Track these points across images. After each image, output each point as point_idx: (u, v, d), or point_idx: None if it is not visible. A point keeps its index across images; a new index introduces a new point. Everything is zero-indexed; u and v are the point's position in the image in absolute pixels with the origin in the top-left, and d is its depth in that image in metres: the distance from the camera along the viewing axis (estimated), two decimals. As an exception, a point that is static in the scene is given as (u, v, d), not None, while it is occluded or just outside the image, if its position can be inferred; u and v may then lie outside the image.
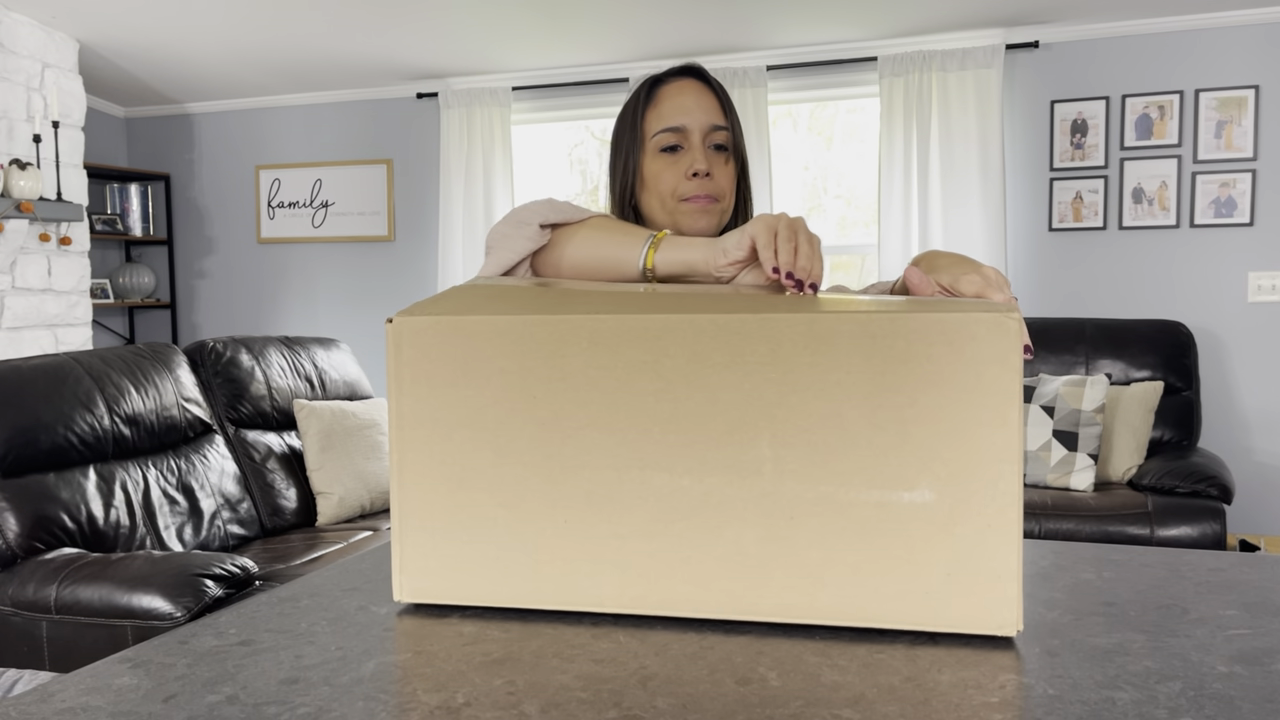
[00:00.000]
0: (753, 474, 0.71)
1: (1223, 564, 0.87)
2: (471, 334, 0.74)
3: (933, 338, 0.69)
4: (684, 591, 0.73)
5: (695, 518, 0.72)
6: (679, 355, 0.71)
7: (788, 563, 0.71)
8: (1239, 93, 3.76)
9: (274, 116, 5.12)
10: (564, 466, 0.74)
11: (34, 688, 0.62)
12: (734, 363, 0.71)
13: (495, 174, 4.65)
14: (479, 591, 0.76)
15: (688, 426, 0.71)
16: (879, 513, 0.70)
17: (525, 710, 0.58)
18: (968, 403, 0.69)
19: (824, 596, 0.71)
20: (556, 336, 0.73)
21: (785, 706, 0.59)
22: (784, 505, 0.71)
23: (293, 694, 0.61)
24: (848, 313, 0.70)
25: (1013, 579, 0.69)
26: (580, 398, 0.73)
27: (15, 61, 3.91)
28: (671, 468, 0.72)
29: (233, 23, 4.03)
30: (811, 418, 0.70)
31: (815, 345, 0.70)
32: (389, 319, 0.75)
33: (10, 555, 2.32)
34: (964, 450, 0.69)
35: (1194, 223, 3.84)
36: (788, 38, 4.11)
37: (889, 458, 0.70)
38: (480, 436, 0.74)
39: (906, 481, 0.70)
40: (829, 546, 0.71)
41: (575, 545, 0.74)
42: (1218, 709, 0.57)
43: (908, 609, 0.71)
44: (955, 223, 4.04)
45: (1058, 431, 3.37)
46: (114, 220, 4.98)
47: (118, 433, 2.66)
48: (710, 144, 1.21)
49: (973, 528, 0.70)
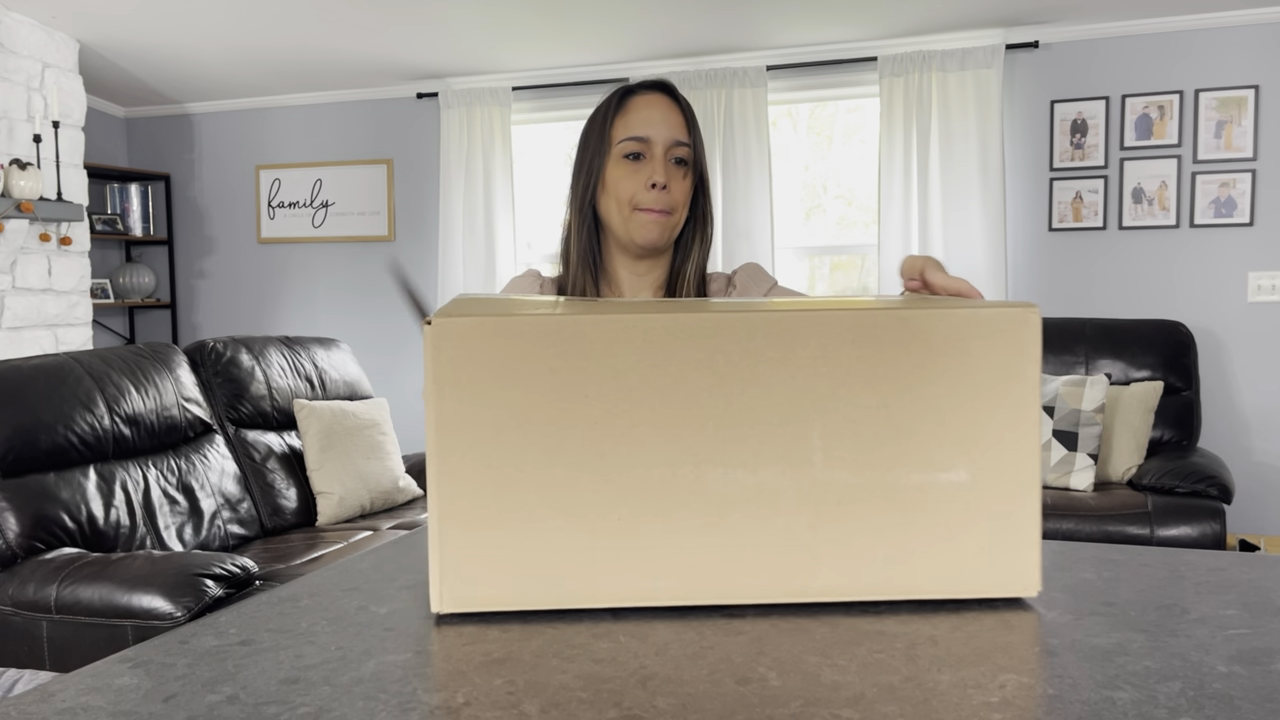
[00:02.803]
0: (804, 464, 0.75)
1: (1223, 564, 0.87)
2: (518, 335, 0.72)
3: (967, 331, 0.75)
4: (739, 581, 0.75)
5: (748, 509, 0.75)
6: (732, 352, 0.74)
7: (836, 546, 0.76)
8: (1239, 93, 3.76)
9: (274, 116, 5.12)
10: (616, 465, 0.74)
11: (34, 688, 0.62)
12: (786, 358, 0.74)
13: (495, 174, 4.65)
14: (528, 596, 0.74)
15: (741, 420, 0.74)
16: (920, 494, 0.76)
17: (525, 710, 0.58)
18: (997, 390, 0.76)
19: (869, 574, 0.76)
20: (609, 336, 0.73)
21: (785, 706, 0.59)
22: (833, 492, 0.75)
23: (293, 694, 0.61)
24: (890, 309, 0.75)
25: (1035, 547, 0.77)
26: (634, 396, 0.73)
27: (15, 61, 3.91)
28: (725, 461, 0.74)
29: (233, 23, 4.03)
30: (859, 409, 0.75)
31: (861, 340, 0.74)
32: (427, 320, 0.72)
33: (10, 555, 2.32)
34: (994, 433, 0.76)
35: (1194, 223, 3.84)
36: (788, 38, 4.11)
37: (929, 443, 0.75)
38: (529, 438, 0.72)
39: (945, 464, 0.76)
40: (875, 528, 0.76)
41: (628, 542, 0.74)
42: (1218, 709, 0.57)
43: (945, 580, 0.77)
44: (955, 223, 4.04)
45: (1058, 431, 3.37)
46: (114, 220, 4.98)
47: (118, 432, 2.66)
48: (671, 158, 1.29)
49: (1001, 503, 0.77)
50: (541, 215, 4.89)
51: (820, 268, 4.46)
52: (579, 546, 0.74)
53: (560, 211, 1.40)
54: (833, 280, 4.49)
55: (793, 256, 4.41)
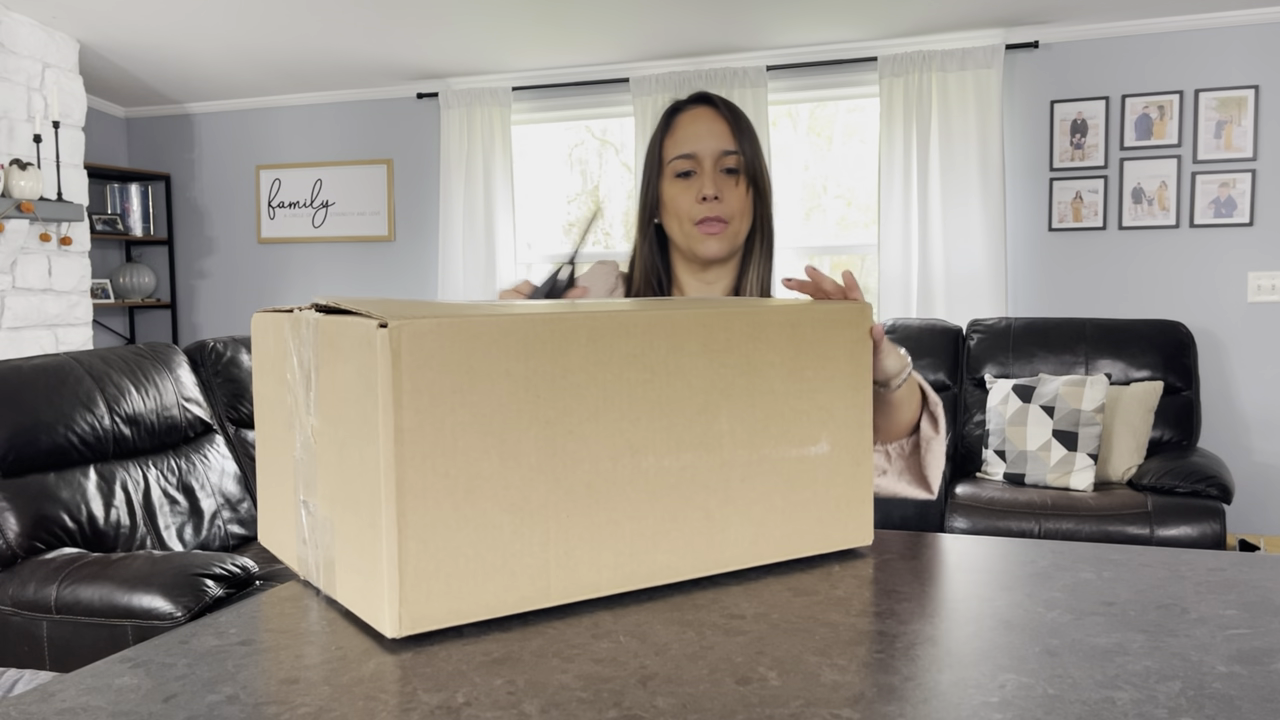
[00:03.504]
0: (716, 447, 0.83)
1: (1223, 564, 0.87)
2: (477, 335, 0.70)
3: (829, 323, 0.90)
4: (664, 561, 0.81)
5: (675, 493, 0.81)
6: (662, 347, 0.79)
7: (741, 518, 0.85)
8: (1239, 93, 3.76)
9: (274, 116, 5.12)
10: (566, 462, 0.74)
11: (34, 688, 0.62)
12: (702, 351, 0.82)
13: (495, 174, 4.65)
14: (483, 605, 0.72)
15: (668, 410, 0.80)
16: (797, 465, 0.88)
17: (525, 710, 0.58)
18: (847, 371, 0.91)
19: (763, 541, 0.86)
20: (559, 335, 0.73)
21: (785, 706, 0.59)
22: (738, 471, 0.84)
23: (293, 694, 0.61)
24: (778, 307, 0.88)
25: (870, 501, 0.93)
26: (581, 393, 0.75)
27: (15, 61, 3.91)
28: (656, 449, 0.79)
29: (233, 23, 4.03)
30: (754, 394, 0.85)
31: (756, 333, 0.85)
32: (381, 324, 0.66)
33: (10, 555, 2.32)
34: (844, 410, 0.91)
35: (1194, 223, 3.84)
36: (788, 38, 4.11)
37: (803, 420, 0.88)
38: (486, 442, 0.70)
39: (814, 438, 0.89)
40: (767, 500, 0.86)
41: (576, 537, 0.75)
42: (1218, 709, 0.57)
43: (818, 538, 0.90)
44: (955, 223, 4.04)
45: (1057, 431, 3.37)
46: (114, 220, 4.98)
47: (118, 432, 2.66)
48: (721, 168, 1.31)
49: (850, 468, 0.92)
50: (542, 215, 4.89)
51: (820, 268, 4.46)
52: (532, 548, 0.73)
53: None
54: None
55: (793, 256, 4.41)
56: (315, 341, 0.76)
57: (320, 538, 0.78)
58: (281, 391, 0.83)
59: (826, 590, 0.81)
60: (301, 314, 0.78)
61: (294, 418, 0.81)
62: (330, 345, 0.73)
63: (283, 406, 0.83)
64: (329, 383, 0.74)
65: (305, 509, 0.80)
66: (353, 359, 0.70)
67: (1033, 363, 3.73)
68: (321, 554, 0.78)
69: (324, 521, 0.76)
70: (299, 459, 0.80)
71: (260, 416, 0.89)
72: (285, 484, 0.84)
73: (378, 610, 0.69)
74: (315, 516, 0.78)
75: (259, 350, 0.89)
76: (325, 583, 0.78)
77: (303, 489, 0.80)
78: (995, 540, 0.96)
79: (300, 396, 0.79)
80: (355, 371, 0.69)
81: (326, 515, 0.76)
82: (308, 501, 0.79)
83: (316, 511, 0.78)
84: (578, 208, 4.89)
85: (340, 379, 0.72)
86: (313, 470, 0.78)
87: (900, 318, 4.02)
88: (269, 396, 0.87)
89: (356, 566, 0.72)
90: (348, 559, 0.73)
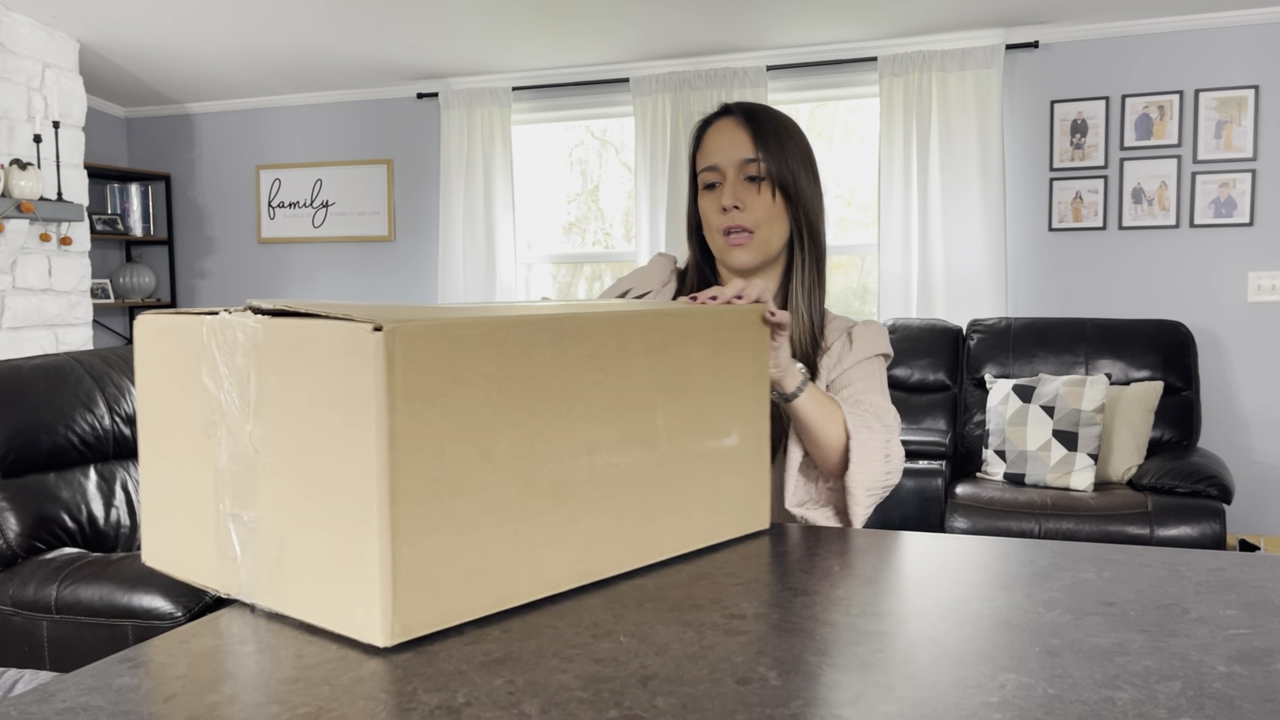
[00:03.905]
0: (654, 443, 0.87)
1: (1223, 564, 0.87)
2: (461, 338, 0.70)
3: (740, 324, 0.97)
4: (615, 554, 0.83)
5: (623, 489, 0.84)
6: (612, 346, 0.82)
7: (673, 510, 0.89)
8: (1239, 93, 3.76)
9: (274, 116, 5.12)
10: (533, 463, 0.76)
11: (34, 688, 0.62)
12: (644, 350, 0.85)
13: (495, 174, 4.65)
14: (466, 607, 0.72)
15: (618, 409, 0.83)
16: (714, 457, 0.93)
17: (525, 710, 0.58)
18: (751, 369, 0.98)
19: (689, 531, 0.91)
20: (529, 336, 0.75)
21: (785, 706, 0.59)
22: (671, 464, 0.89)
23: (293, 694, 0.61)
24: (704, 311, 0.93)
25: (767, 486, 1.02)
26: (546, 394, 0.77)
27: (15, 61, 3.91)
28: (608, 447, 0.82)
29: (233, 23, 4.03)
30: (684, 390, 0.89)
31: (687, 333, 0.89)
32: (376, 327, 0.65)
33: (10, 555, 2.32)
34: (751, 402, 0.97)
35: (1194, 223, 3.84)
36: (788, 38, 4.11)
37: (721, 414, 0.94)
38: (465, 446, 0.70)
39: (727, 431, 0.95)
40: (693, 492, 0.91)
41: (542, 535, 0.77)
42: (1218, 709, 0.57)
43: (732, 524, 0.96)
44: (955, 223, 4.04)
45: (1057, 431, 3.37)
46: (114, 220, 4.98)
47: (118, 432, 2.66)
48: (743, 176, 1.30)
49: (754, 457, 0.98)
50: (542, 215, 4.89)
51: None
52: (505, 548, 0.74)
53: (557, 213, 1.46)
54: (832, 280, 4.49)
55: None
56: (259, 345, 0.72)
57: (262, 551, 0.73)
58: (189, 399, 0.78)
59: (826, 590, 0.81)
60: (231, 317, 0.74)
61: (217, 427, 0.76)
62: (288, 349, 0.70)
63: (192, 415, 0.78)
64: (281, 388, 0.71)
65: (236, 522, 0.75)
66: (328, 363, 0.67)
67: (1033, 363, 3.73)
68: (264, 568, 0.73)
69: (269, 534, 0.73)
70: (225, 470, 0.75)
71: (151, 428, 0.83)
72: (196, 498, 0.78)
73: (361, 619, 0.67)
74: (253, 529, 0.74)
75: (148, 356, 0.82)
76: (271, 599, 0.73)
77: (231, 502, 0.75)
78: (995, 540, 0.96)
79: (232, 403, 0.74)
80: (333, 375, 0.67)
81: (274, 527, 0.72)
82: (239, 515, 0.74)
83: (256, 523, 0.73)
84: (578, 208, 4.89)
85: (303, 384, 0.69)
86: (249, 481, 0.73)
87: (900, 318, 4.02)
88: (167, 405, 0.81)
89: (325, 576, 0.69)
90: (309, 570, 0.70)
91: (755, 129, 1.30)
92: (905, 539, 0.97)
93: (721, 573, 0.86)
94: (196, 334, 0.77)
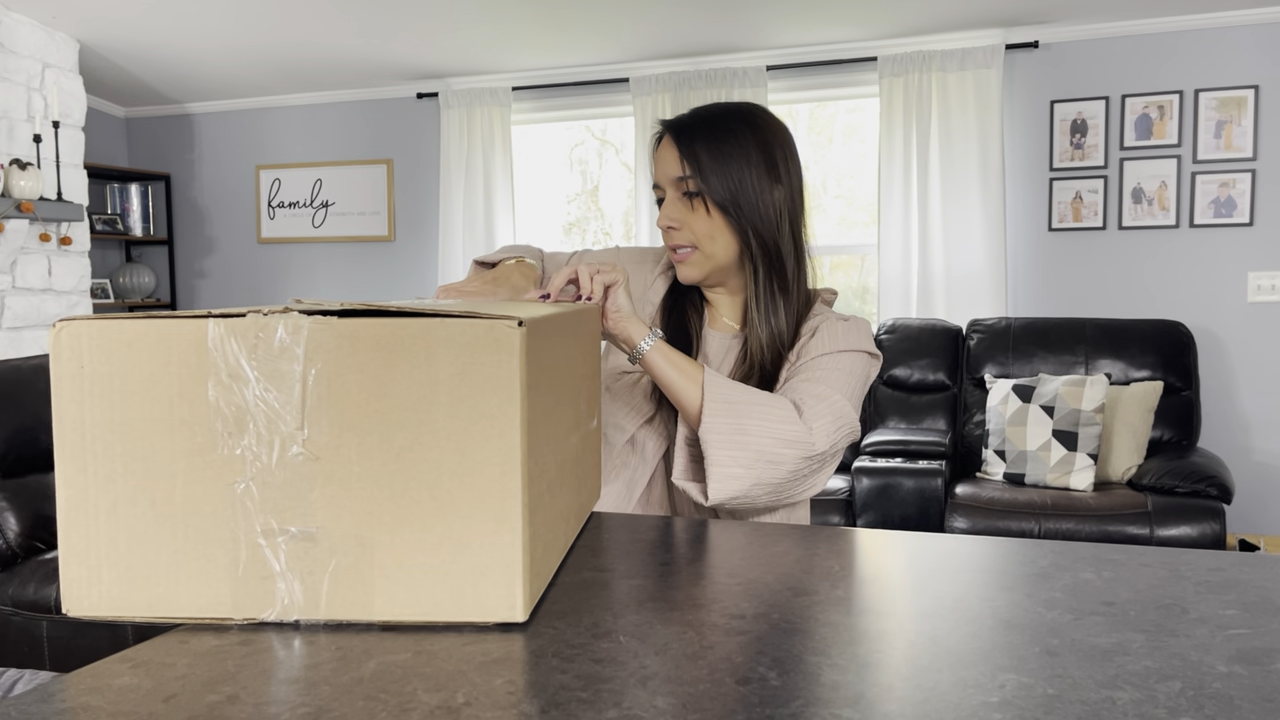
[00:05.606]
0: (584, 425, 0.98)
1: (1223, 564, 0.87)
2: (545, 334, 0.79)
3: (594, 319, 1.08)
4: (576, 525, 0.95)
5: (575, 463, 0.95)
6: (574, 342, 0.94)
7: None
8: (1239, 93, 3.76)
9: (274, 116, 5.12)
10: (552, 444, 0.85)
11: (34, 688, 0.62)
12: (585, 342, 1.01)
13: (495, 174, 4.65)
14: (545, 579, 0.80)
15: (572, 395, 0.94)
16: (583, 442, 0.98)
17: (525, 710, 0.58)
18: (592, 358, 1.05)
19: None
20: (553, 331, 0.85)
21: (785, 706, 0.59)
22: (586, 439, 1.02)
23: (293, 694, 0.61)
24: (562, 311, 0.93)
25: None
26: (557, 381, 0.88)
27: (15, 61, 3.91)
28: (579, 425, 0.97)
29: (233, 23, 4.03)
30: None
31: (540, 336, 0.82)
32: (518, 323, 0.69)
33: (10, 555, 2.32)
34: (591, 391, 1.03)
35: (1194, 223, 3.84)
36: (788, 38, 4.11)
37: (580, 401, 0.96)
38: (541, 430, 0.82)
39: (592, 415, 1.01)
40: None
41: (563, 505, 0.89)
42: (1218, 709, 0.57)
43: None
44: (955, 222, 4.04)
45: (1057, 431, 3.37)
46: (114, 220, 4.98)
47: (118, 433, 2.66)
48: (680, 192, 1.30)
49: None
50: (542, 215, 4.89)
51: (820, 267, 4.46)
52: (554, 520, 0.82)
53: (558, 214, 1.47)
54: (833, 280, 4.49)
55: (793, 256, 4.41)
56: (324, 347, 0.69)
57: (321, 562, 0.71)
58: (176, 414, 0.71)
59: (826, 590, 0.81)
60: (274, 318, 0.70)
61: (239, 439, 0.71)
62: (378, 348, 0.68)
63: (181, 433, 0.71)
64: (360, 389, 0.69)
65: (282, 538, 0.71)
66: (454, 359, 0.68)
67: (1032, 363, 3.73)
68: (324, 581, 0.71)
69: (337, 542, 0.70)
70: (260, 484, 0.71)
71: (91, 453, 0.72)
72: (194, 523, 0.72)
73: (493, 601, 0.71)
74: (312, 541, 0.71)
75: (95, 370, 0.72)
76: (336, 609, 0.72)
77: (272, 517, 0.71)
78: (995, 540, 0.96)
79: (274, 412, 0.70)
80: (461, 370, 0.69)
81: (347, 533, 0.70)
82: (287, 529, 0.71)
83: (317, 535, 0.71)
84: (578, 207, 4.89)
85: (404, 382, 0.68)
86: (304, 491, 0.70)
87: (900, 318, 4.02)
88: (129, 425, 0.72)
89: (435, 570, 0.70)
90: (409, 568, 0.70)
91: (685, 147, 1.27)
92: (905, 539, 0.97)
93: (721, 573, 0.86)
94: (196, 340, 0.71)
